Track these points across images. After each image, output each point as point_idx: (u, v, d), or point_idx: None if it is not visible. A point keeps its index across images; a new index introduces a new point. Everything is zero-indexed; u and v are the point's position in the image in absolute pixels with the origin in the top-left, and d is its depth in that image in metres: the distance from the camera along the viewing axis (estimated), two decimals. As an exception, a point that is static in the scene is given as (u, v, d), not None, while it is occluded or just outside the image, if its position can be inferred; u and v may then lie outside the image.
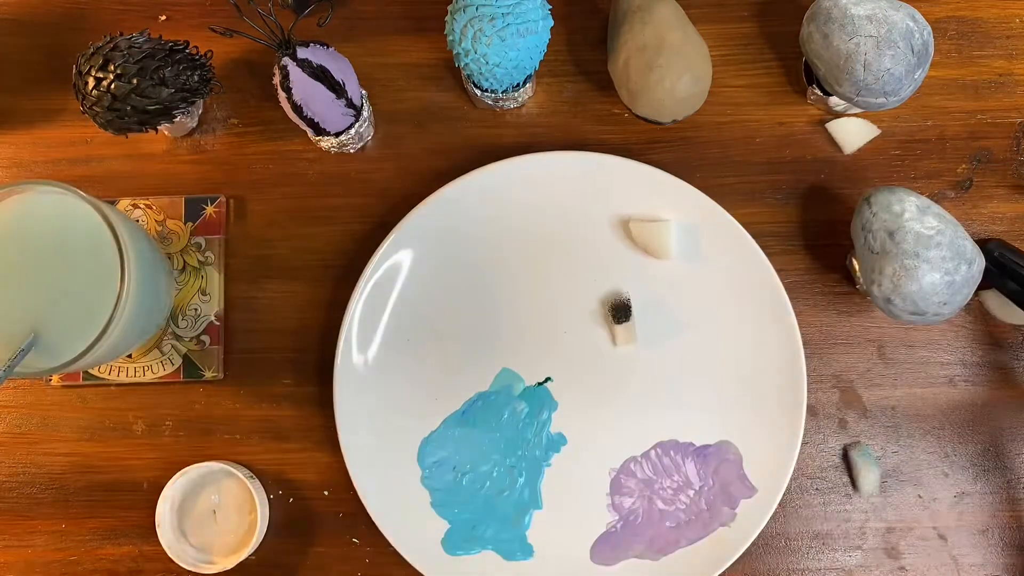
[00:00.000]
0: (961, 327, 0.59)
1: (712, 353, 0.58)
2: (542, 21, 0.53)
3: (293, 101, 0.53)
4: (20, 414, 0.60)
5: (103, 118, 0.53)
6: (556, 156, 0.58)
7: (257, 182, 0.61)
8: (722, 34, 0.62)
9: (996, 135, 0.61)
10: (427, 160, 0.61)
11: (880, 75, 0.53)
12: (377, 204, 0.61)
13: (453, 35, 0.53)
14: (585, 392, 0.58)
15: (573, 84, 0.62)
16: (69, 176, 0.62)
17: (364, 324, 0.58)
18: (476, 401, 0.58)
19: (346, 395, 0.57)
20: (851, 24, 0.53)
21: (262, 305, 0.60)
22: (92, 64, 0.52)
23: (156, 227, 0.60)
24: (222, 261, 0.60)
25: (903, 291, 0.51)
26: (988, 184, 0.60)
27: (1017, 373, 0.59)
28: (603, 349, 0.58)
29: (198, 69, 0.56)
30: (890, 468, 0.58)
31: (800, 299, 0.59)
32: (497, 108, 0.61)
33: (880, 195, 0.53)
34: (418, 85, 0.62)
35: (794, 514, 0.58)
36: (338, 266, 0.60)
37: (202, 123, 0.62)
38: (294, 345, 0.60)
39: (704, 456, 0.57)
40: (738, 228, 0.57)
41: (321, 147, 0.60)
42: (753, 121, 0.61)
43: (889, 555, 0.58)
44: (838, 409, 0.59)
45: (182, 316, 0.59)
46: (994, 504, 0.58)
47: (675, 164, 0.59)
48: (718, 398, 0.57)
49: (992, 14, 0.62)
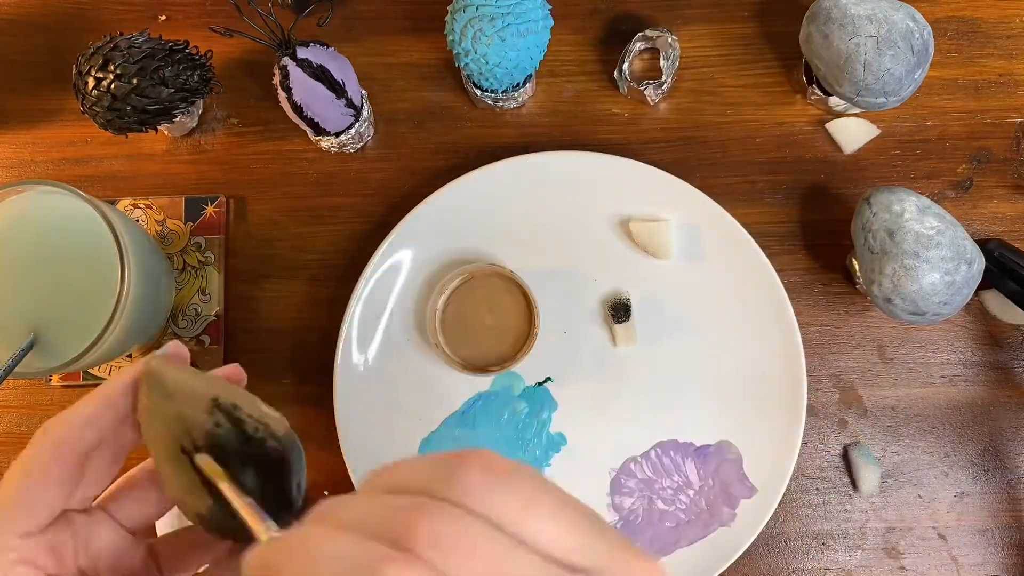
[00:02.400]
0: (961, 327, 0.59)
1: (712, 353, 0.58)
2: (542, 21, 0.53)
3: (293, 101, 0.53)
4: (20, 414, 0.60)
5: (103, 118, 0.53)
6: (556, 156, 0.58)
7: (257, 182, 0.61)
8: (722, 34, 0.62)
9: (996, 135, 0.61)
10: (427, 160, 0.61)
11: (880, 75, 0.53)
12: (377, 204, 0.61)
13: (453, 35, 0.53)
14: (585, 392, 0.58)
15: (573, 84, 0.62)
16: (69, 176, 0.62)
17: (364, 324, 0.58)
18: (476, 401, 0.58)
19: (346, 395, 0.57)
20: (851, 24, 0.53)
21: (262, 305, 0.60)
22: (92, 64, 0.52)
23: (156, 227, 0.60)
24: (222, 261, 0.60)
25: (903, 291, 0.51)
26: (988, 184, 0.60)
27: (1017, 373, 0.59)
28: (603, 349, 0.58)
29: (198, 69, 0.56)
30: (890, 468, 0.58)
31: (800, 299, 0.59)
32: (497, 108, 0.61)
33: (880, 195, 0.53)
34: (418, 85, 0.62)
35: (794, 514, 0.58)
36: (338, 266, 0.60)
37: (202, 123, 0.62)
38: (294, 345, 0.60)
39: (704, 456, 0.57)
40: (738, 228, 0.57)
41: (321, 147, 0.60)
42: (753, 121, 0.61)
43: (889, 555, 0.58)
44: (838, 409, 0.59)
45: (182, 316, 0.59)
46: (994, 504, 0.58)
47: (675, 164, 0.59)
48: (718, 398, 0.57)
49: (992, 14, 0.62)
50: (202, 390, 0.29)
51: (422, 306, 0.58)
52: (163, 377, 0.29)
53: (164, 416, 0.29)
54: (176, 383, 0.29)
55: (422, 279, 0.58)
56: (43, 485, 0.29)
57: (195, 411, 0.29)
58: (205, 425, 0.29)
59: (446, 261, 0.58)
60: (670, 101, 0.61)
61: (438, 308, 0.56)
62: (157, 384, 0.29)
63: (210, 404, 0.29)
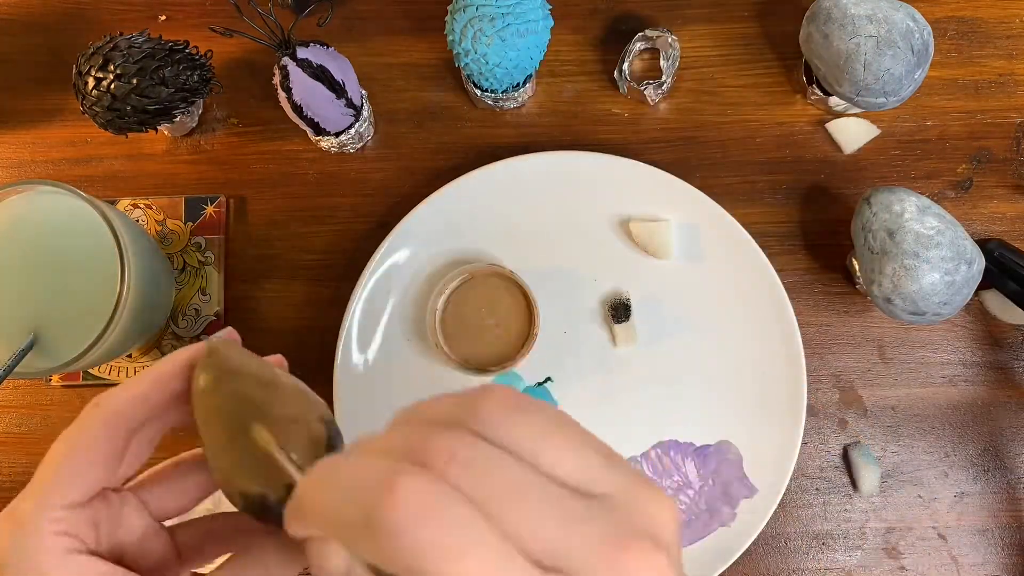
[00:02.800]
0: (961, 327, 0.59)
1: (712, 353, 0.58)
2: (542, 21, 0.53)
3: (293, 101, 0.53)
4: (20, 414, 0.60)
5: (103, 118, 0.53)
6: (556, 156, 0.58)
7: (257, 182, 0.61)
8: (722, 34, 0.62)
9: (996, 135, 0.61)
10: (427, 160, 0.61)
11: (880, 75, 0.53)
12: (377, 204, 0.61)
13: (453, 35, 0.53)
14: (585, 392, 0.58)
15: (573, 84, 0.62)
16: (69, 176, 0.62)
17: (364, 324, 0.58)
18: (476, 401, 0.58)
19: (346, 395, 0.57)
20: (851, 24, 0.53)
21: (262, 305, 0.60)
22: (92, 64, 0.52)
23: (156, 227, 0.60)
24: (222, 261, 0.60)
25: (903, 291, 0.51)
26: (988, 184, 0.60)
27: (1017, 373, 0.59)
28: (603, 349, 0.58)
29: (198, 69, 0.56)
30: (890, 468, 0.58)
31: (800, 299, 0.59)
32: (497, 108, 0.61)
33: (880, 195, 0.53)
34: (418, 85, 0.62)
35: (794, 514, 0.58)
36: (338, 266, 0.60)
37: (202, 123, 0.62)
38: (294, 345, 0.60)
39: (704, 456, 0.57)
40: (738, 228, 0.57)
41: (321, 147, 0.60)
42: (753, 121, 0.61)
43: (889, 555, 0.58)
44: (838, 409, 0.59)
45: (182, 316, 0.59)
46: (994, 504, 0.58)
47: (675, 164, 0.59)
48: (718, 398, 0.57)
49: (992, 14, 0.62)
50: (263, 372, 0.31)
51: (422, 306, 0.58)
52: (229, 356, 0.31)
53: (224, 394, 0.30)
54: (241, 363, 0.31)
55: (422, 279, 0.58)
56: (91, 458, 0.29)
57: (255, 390, 0.30)
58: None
59: (446, 261, 0.58)
60: (670, 101, 0.61)
61: (438, 308, 0.56)
62: (221, 363, 0.30)
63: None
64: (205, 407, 0.30)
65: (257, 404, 0.29)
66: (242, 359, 0.31)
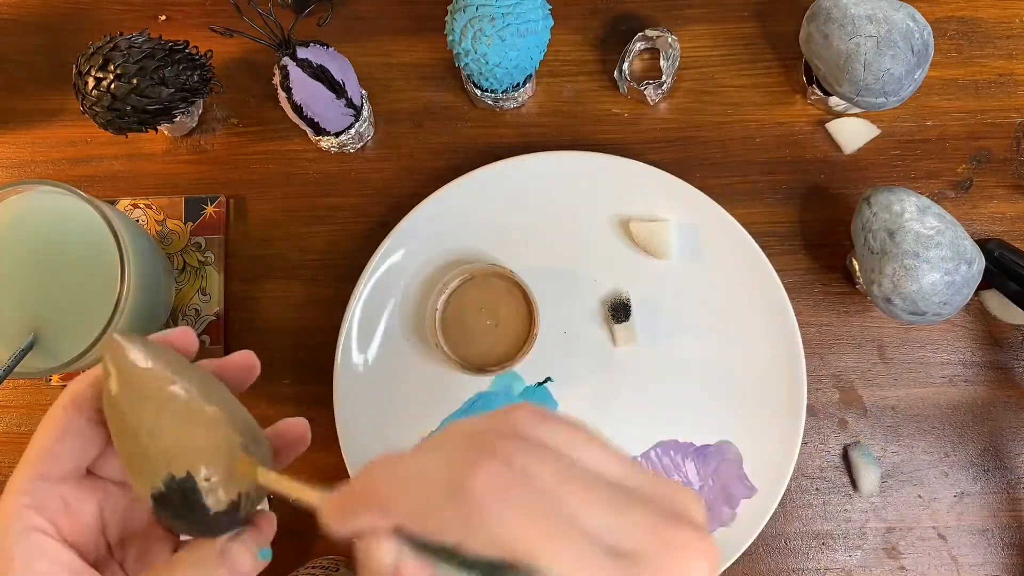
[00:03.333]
0: (961, 327, 0.59)
1: (712, 353, 0.58)
2: (542, 21, 0.53)
3: (293, 101, 0.53)
4: (20, 414, 0.60)
5: (103, 118, 0.53)
6: (556, 156, 0.58)
7: (257, 182, 0.61)
8: (722, 34, 0.62)
9: (996, 135, 0.61)
10: (427, 160, 0.61)
11: (880, 75, 0.53)
12: (377, 204, 0.61)
13: (453, 35, 0.53)
14: (585, 392, 0.58)
15: (573, 84, 0.62)
16: (69, 176, 0.62)
17: (364, 324, 0.58)
18: (476, 401, 0.58)
19: (346, 395, 0.57)
20: (851, 24, 0.53)
21: (262, 305, 0.60)
22: (92, 64, 0.52)
23: (156, 227, 0.60)
24: (222, 261, 0.60)
25: (903, 291, 0.51)
26: (988, 184, 0.60)
27: (1017, 373, 0.59)
28: (603, 349, 0.58)
29: (198, 69, 0.56)
30: (890, 468, 0.58)
31: (800, 299, 0.59)
32: (497, 108, 0.61)
33: (880, 195, 0.53)
34: (418, 85, 0.62)
35: (794, 514, 0.58)
36: (338, 266, 0.60)
37: (202, 123, 0.62)
38: (294, 345, 0.60)
39: (704, 456, 0.57)
40: (738, 228, 0.57)
41: (321, 147, 0.60)
42: (753, 121, 0.61)
43: (889, 555, 0.58)
44: (838, 409, 0.59)
45: (182, 316, 0.59)
46: (994, 504, 0.58)
47: (675, 164, 0.59)
48: (718, 398, 0.57)
49: (992, 14, 0.62)
50: (168, 366, 0.31)
51: (422, 306, 0.58)
52: (127, 351, 0.31)
53: (122, 390, 0.31)
54: (142, 356, 0.31)
55: (422, 279, 0.58)
56: (55, 435, 0.31)
57: (153, 383, 0.30)
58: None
59: (446, 261, 0.58)
60: (670, 101, 0.61)
61: (438, 308, 0.56)
62: (117, 359, 0.31)
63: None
64: (107, 404, 0.31)
65: (153, 398, 0.30)
66: (146, 352, 0.31)
